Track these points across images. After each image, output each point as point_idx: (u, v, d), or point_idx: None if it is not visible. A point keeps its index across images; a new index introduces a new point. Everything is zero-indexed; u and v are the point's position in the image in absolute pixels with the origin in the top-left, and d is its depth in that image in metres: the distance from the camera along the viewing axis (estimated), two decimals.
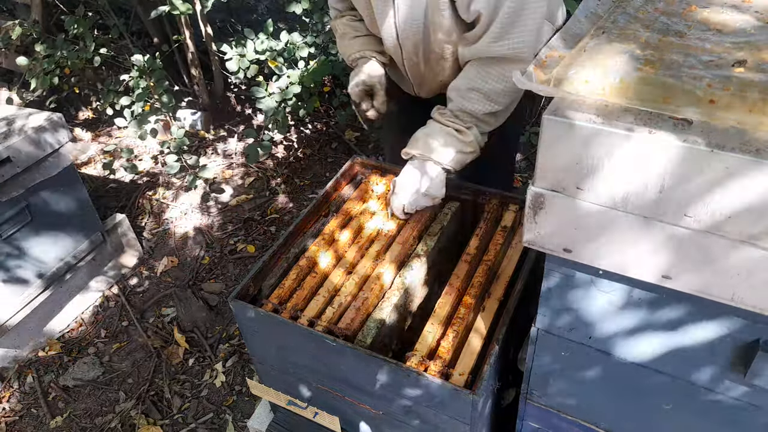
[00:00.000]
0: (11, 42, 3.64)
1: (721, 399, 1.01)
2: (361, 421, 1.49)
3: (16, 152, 2.33)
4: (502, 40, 1.43)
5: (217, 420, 2.38)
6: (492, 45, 1.45)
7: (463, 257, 1.52)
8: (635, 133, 0.78)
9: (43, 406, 2.48)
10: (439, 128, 1.55)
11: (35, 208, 2.51)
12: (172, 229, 3.34)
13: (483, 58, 1.49)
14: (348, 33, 1.78)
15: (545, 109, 0.86)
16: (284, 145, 3.85)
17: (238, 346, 2.64)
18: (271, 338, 1.47)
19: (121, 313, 2.87)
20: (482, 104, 1.52)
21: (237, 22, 4.05)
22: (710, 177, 0.75)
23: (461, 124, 1.54)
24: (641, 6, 1.03)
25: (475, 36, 1.48)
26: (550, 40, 0.98)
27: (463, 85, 1.53)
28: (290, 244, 1.60)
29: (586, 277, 1.00)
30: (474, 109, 1.52)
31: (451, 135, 1.53)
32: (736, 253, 0.79)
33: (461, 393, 1.19)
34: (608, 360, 1.10)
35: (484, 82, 1.50)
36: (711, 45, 0.89)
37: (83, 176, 3.60)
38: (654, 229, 0.84)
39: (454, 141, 1.53)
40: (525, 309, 1.41)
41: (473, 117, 1.53)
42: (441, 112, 1.58)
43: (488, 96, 1.51)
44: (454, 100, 1.55)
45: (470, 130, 1.53)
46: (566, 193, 0.89)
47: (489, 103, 1.52)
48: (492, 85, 1.49)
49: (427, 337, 1.34)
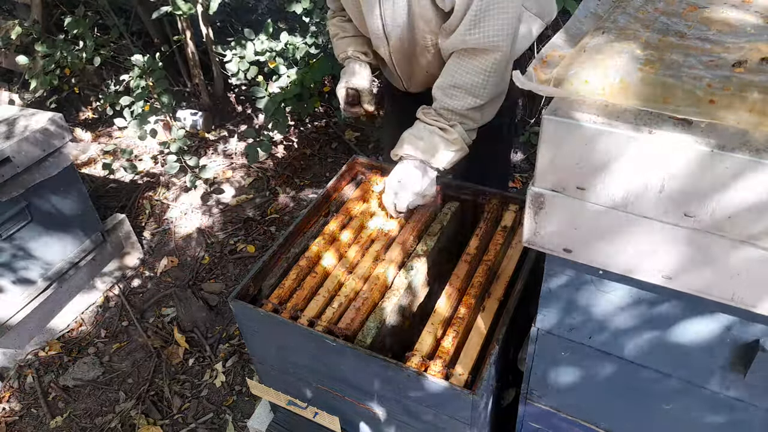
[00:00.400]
0: (11, 42, 3.64)
1: (721, 399, 1.01)
2: (361, 421, 1.49)
3: (16, 152, 2.33)
4: (476, 29, 1.42)
5: (217, 420, 2.38)
6: (467, 35, 1.44)
7: (463, 257, 1.52)
8: (635, 133, 0.78)
9: (43, 406, 2.48)
10: (424, 127, 1.54)
11: (35, 208, 2.51)
12: (172, 229, 3.34)
13: (460, 51, 1.49)
14: (338, 33, 1.82)
15: (545, 109, 0.86)
16: (284, 145, 3.85)
17: (238, 346, 2.64)
18: (271, 338, 1.47)
19: (121, 313, 2.87)
20: (464, 100, 1.51)
21: (237, 22, 4.05)
22: (710, 177, 0.75)
23: (445, 122, 1.53)
24: (641, 6, 1.03)
25: (452, 26, 1.48)
26: (551, 40, 0.98)
27: (445, 82, 1.53)
28: (290, 244, 1.60)
29: (586, 277, 1.00)
30: (456, 105, 1.51)
31: (435, 134, 1.52)
32: (736, 253, 0.79)
33: (461, 393, 1.19)
34: (608, 360, 1.10)
35: (463, 76, 1.49)
36: (711, 45, 0.89)
37: (83, 176, 3.61)
38: (654, 229, 0.84)
39: (439, 140, 1.52)
40: (525, 309, 1.41)
41: (456, 114, 1.53)
42: (425, 111, 1.58)
43: (470, 91, 1.50)
44: (438, 98, 1.55)
45: (454, 128, 1.53)
46: (566, 193, 0.89)
47: (471, 98, 1.50)
48: (471, 78, 1.48)
49: (427, 337, 1.34)
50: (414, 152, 1.53)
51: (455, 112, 1.52)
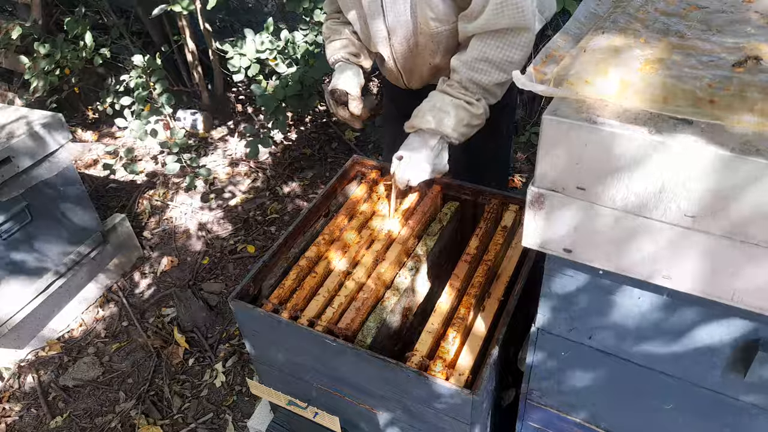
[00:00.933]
0: (11, 42, 3.64)
1: (722, 399, 1.01)
2: (361, 421, 1.49)
3: (16, 152, 2.33)
4: (505, 10, 1.42)
5: (217, 420, 2.38)
6: (496, 17, 1.43)
7: (463, 257, 1.52)
8: (635, 133, 0.78)
9: (43, 406, 2.48)
10: (450, 101, 1.50)
11: (35, 208, 2.51)
12: (172, 229, 3.34)
13: (489, 31, 1.48)
14: (329, 36, 1.80)
15: (545, 109, 0.86)
16: (284, 145, 3.85)
17: (238, 346, 2.64)
18: (271, 338, 1.47)
19: (121, 313, 2.87)
20: (492, 75, 1.49)
21: (237, 23, 4.06)
22: (710, 177, 0.75)
23: (471, 96, 1.50)
24: (641, 6, 1.03)
25: (474, 12, 1.47)
26: (551, 40, 0.98)
27: (471, 56, 1.50)
28: (290, 244, 1.60)
29: (586, 278, 1.00)
30: (484, 80, 1.49)
31: (462, 108, 1.49)
32: (737, 253, 0.79)
33: (461, 393, 1.19)
34: (608, 360, 1.10)
35: (493, 51, 1.47)
36: (711, 45, 0.89)
37: (83, 176, 3.61)
38: (654, 229, 0.84)
39: (465, 114, 1.49)
40: (525, 309, 1.41)
41: (482, 88, 1.50)
42: (449, 83, 1.54)
43: (499, 66, 1.48)
44: (460, 71, 1.51)
45: (479, 102, 1.50)
46: (566, 193, 0.89)
47: (499, 73, 1.49)
48: (502, 53, 1.47)
49: (427, 338, 1.34)
50: (436, 125, 1.50)
51: (481, 86, 1.50)
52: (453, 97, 1.51)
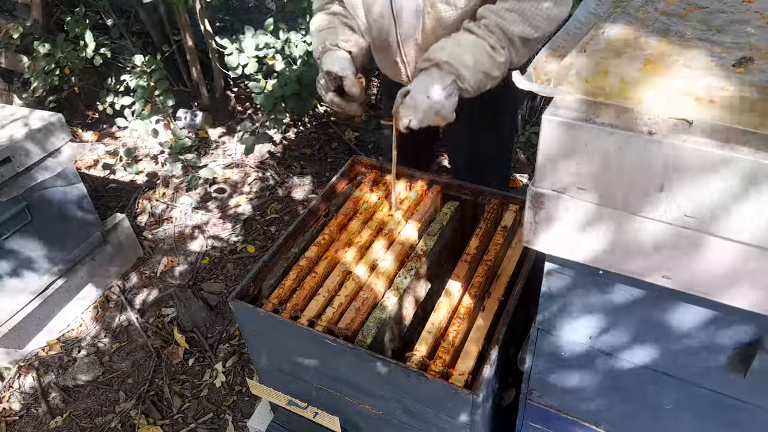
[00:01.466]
0: (11, 41, 3.64)
1: (722, 399, 1.01)
2: (361, 421, 1.49)
3: (16, 152, 2.33)
4: None
5: (217, 420, 2.38)
6: None
7: (463, 257, 1.52)
8: (635, 134, 0.78)
9: (43, 406, 2.48)
10: (474, 40, 1.39)
11: (35, 208, 2.51)
12: (172, 229, 3.34)
13: None
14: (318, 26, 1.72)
15: (545, 109, 0.86)
16: (284, 145, 3.85)
17: (238, 346, 2.64)
18: (271, 338, 1.47)
19: (121, 314, 2.87)
20: (520, 26, 1.40)
21: (237, 23, 4.06)
22: (710, 177, 0.75)
23: (496, 40, 1.40)
24: (641, 6, 1.03)
25: None
26: (551, 40, 0.98)
27: (501, 6, 1.41)
28: (290, 244, 1.60)
29: (586, 278, 1.00)
30: (511, 28, 1.40)
31: (484, 51, 1.39)
32: (737, 254, 0.79)
33: (461, 393, 1.19)
34: (608, 360, 1.10)
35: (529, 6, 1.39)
36: (711, 45, 0.89)
37: (83, 176, 3.60)
38: (654, 229, 0.84)
39: (486, 59, 1.40)
40: (525, 309, 1.41)
41: (507, 37, 1.41)
42: (476, 24, 1.43)
43: (528, 19, 1.40)
44: (488, 17, 1.41)
45: (503, 50, 1.41)
46: (566, 193, 0.89)
47: (526, 26, 1.40)
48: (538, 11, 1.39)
49: (427, 337, 1.34)
50: (454, 60, 1.38)
51: (508, 34, 1.40)
52: (477, 36, 1.41)
